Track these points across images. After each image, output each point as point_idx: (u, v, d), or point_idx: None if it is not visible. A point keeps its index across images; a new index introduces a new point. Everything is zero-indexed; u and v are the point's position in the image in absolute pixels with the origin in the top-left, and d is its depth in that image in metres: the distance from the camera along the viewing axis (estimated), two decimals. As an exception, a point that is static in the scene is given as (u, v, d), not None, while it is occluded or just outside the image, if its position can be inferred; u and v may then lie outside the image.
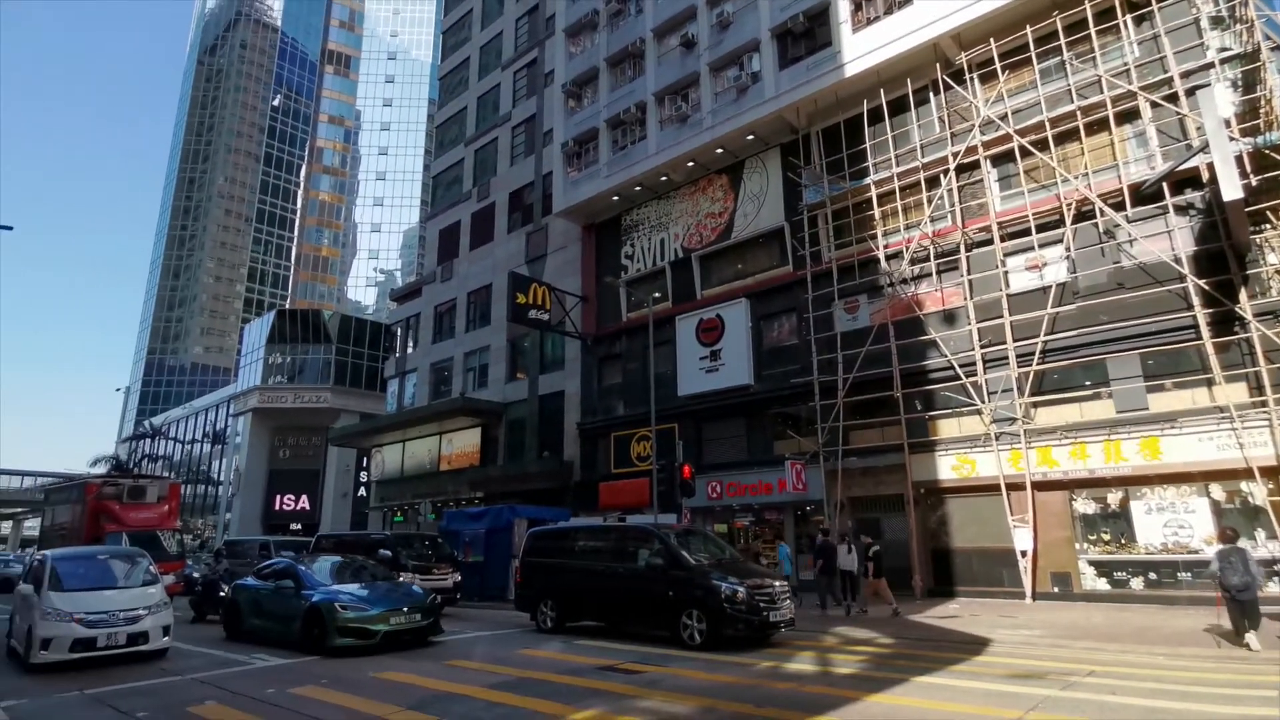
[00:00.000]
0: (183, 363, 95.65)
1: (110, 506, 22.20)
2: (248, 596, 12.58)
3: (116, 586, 11.07)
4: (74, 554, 12.49)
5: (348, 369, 49.36)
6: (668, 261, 24.82)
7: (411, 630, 11.08)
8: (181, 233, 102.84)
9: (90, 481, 24.06)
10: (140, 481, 24.21)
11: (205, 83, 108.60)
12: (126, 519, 21.76)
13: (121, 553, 13.07)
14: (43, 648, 9.79)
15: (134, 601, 10.73)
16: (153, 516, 22.71)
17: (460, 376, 32.89)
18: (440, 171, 38.59)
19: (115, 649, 10.18)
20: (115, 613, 10.37)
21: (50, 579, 10.63)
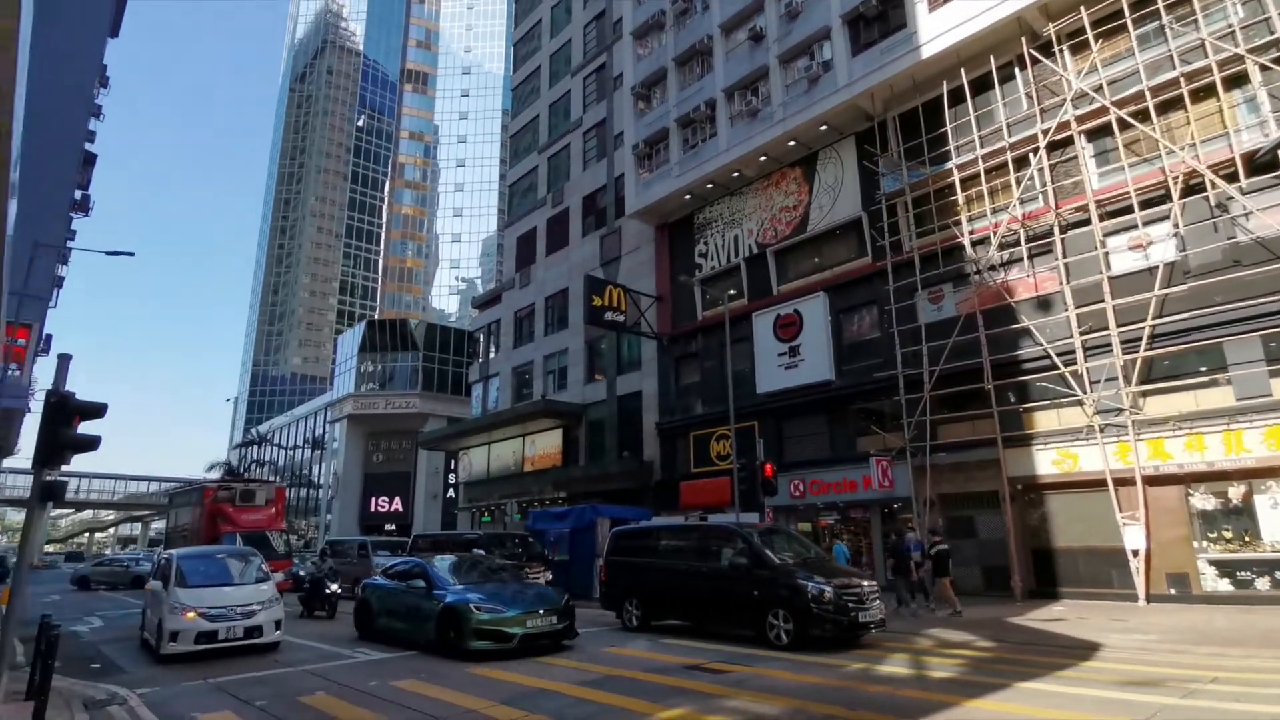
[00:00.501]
0: (283, 373, 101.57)
1: (225, 509, 23.60)
2: (379, 596, 12.59)
3: (233, 583, 11.82)
4: (196, 553, 13.38)
5: (434, 375, 51.23)
6: (742, 258, 24.59)
7: (549, 634, 10.74)
8: (279, 251, 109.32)
9: (207, 486, 25.77)
10: (250, 485, 25.82)
11: (297, 109, 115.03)
12: (239, 520, 23.09)
13: (236, 552, 13.91)
14: (171, 639, 10.55)
15: (249, 597, 11.44)
16: (262, 518, 23.99)
17: (540, 379, 33.59)
18: (515, 180, 39.54)
19: (234, 641, 10.89)
20: (233, 607, 11.09)
21: (176, 576, 11.45)
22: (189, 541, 23.51)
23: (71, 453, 7.80)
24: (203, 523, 23.49)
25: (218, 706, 7.87)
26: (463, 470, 38.76)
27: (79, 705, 7.90)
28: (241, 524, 22.90)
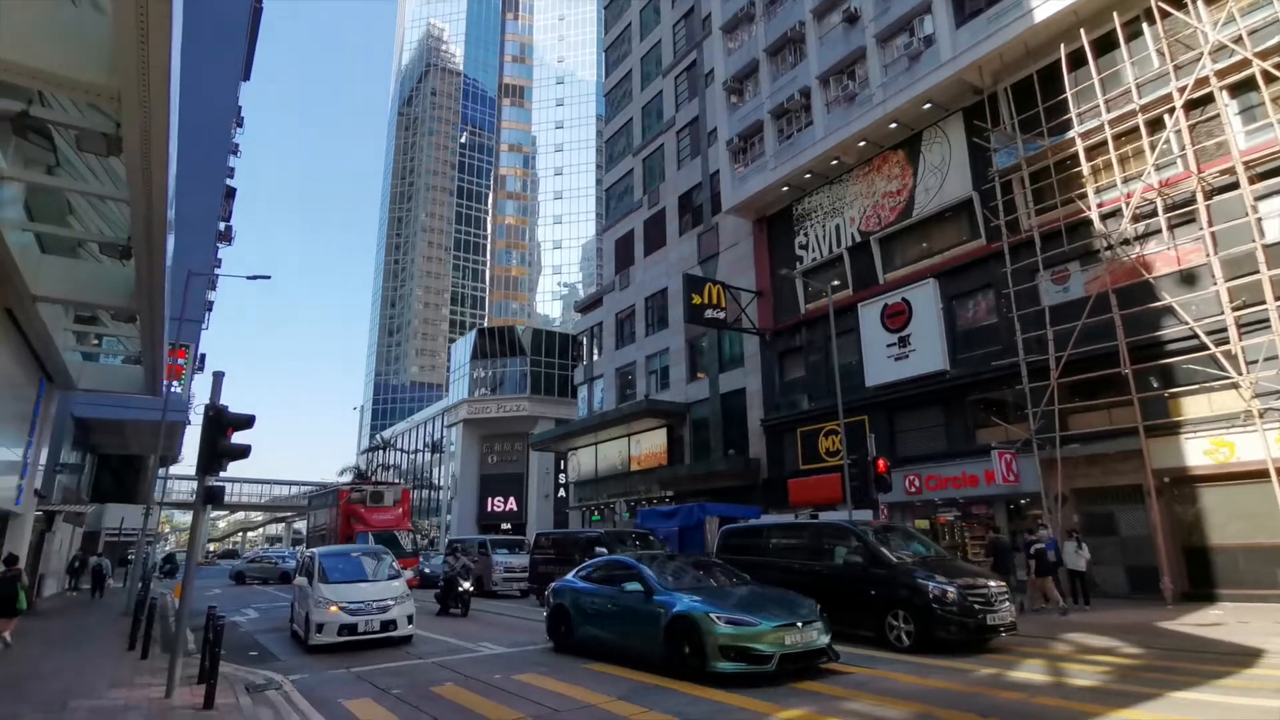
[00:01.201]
0: (403, 382, 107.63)
1: (358, 509, 25.16)
2: (578, 601, 10.73)
3: (368, 580, 12.64)
4: (334, 551, 14.46)
5: (542, 379, 52.86)
6: (845, 248, 23.86)
7: (810, 653, 8.48)
8: (395, 266, 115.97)
9: (341, 489, 27.72)
10: (379, 488, 27.42)
11: (405, 131, 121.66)
12: (370, 520, 24.58)
13: (369, 550, 14.76)
14: (317, 631, 11.41)
15: (383, 593, 12.17)
16: (390, 518, 25.41)
17: (643, 379, 33.93)
18: (611, 184, 40.12)
19: (372, 634, 11.65)
20: (370, 602, 11.82)
21: (319, 573, 12.38)
22: (327, 540, 25.31)
23: (227, 460, 8.60)
24: (339, 522, 25.07)
25: (359, 694, 8.45)
26: (572, 470, 39.74)
27: (242, 688, 8.69)
28: (372, 524, 24.24)
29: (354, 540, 22.32)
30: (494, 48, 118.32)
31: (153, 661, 10.56)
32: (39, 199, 12.92)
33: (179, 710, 7.42)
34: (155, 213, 10.24)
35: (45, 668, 10.09)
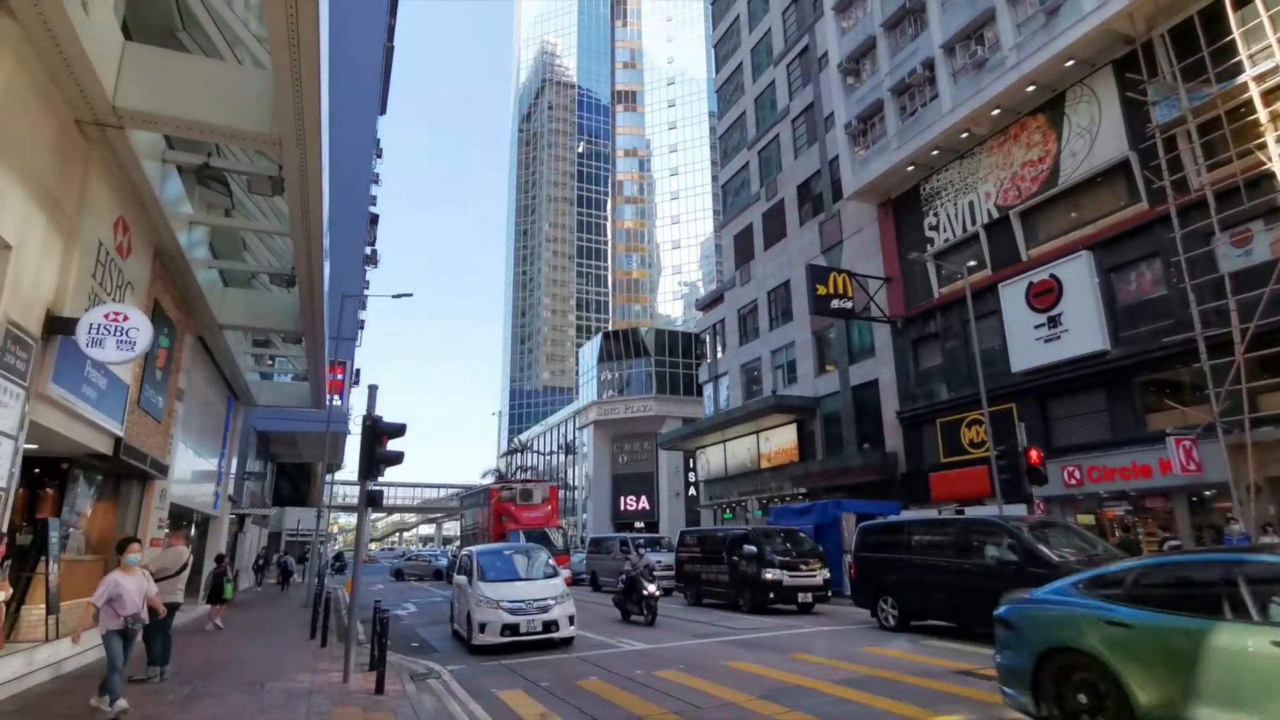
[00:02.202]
0: (536, 387, 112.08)
1: (508, 507, 24.94)
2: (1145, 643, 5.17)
3: (526, 578, 12.28)
4: (491, 549, 14.01)
5: (667, 378, 53.37)
6: (980, 225, 22.35)
7: None
8: (523, 277, 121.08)
9: (492, 487, 27.88)
10: (528, 485, 27.26)
11: (525, 146, 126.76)
12: (521, 518, 24.33)
13: (525, 547, 14.32)
14: (480, 631, 11.18)
15: (543, 592, 11.75)
16: (540, 515, 25.04)
17: (769, 375, 33.42)
18: (727, 179, 39.83)
19: (534, 635, 11.26)
20: (530, 601, 11.41)
21: (477, 571, 12.16)
22: (479, 539, 25.76)
23: (384, 466, 9.34)
24: (490, 521, 25.22)
25: (511, 685, 8.91)
26: (701, 468, 39.81)
27: (407, 676, 9.41)
28: (523, 521, 24.07)
29: (505, 538, 22.44)
30: (605, 56, 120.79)
31: (330, 649, 11.65)
32: (220, 239, 14.62)
33: (355, 694, 8.14)
34: (314, 243, 11.31)
35: (244, 654, 11.39)
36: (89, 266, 8.59)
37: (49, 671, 8.93)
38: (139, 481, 12.72)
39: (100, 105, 7.72)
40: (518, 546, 14.61)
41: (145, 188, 9.55)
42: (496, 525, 24.41)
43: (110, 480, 12.22)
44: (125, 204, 9.68)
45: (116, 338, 7.63)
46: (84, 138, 8.22)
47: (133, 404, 10.85)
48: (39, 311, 7.58)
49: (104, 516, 12.25)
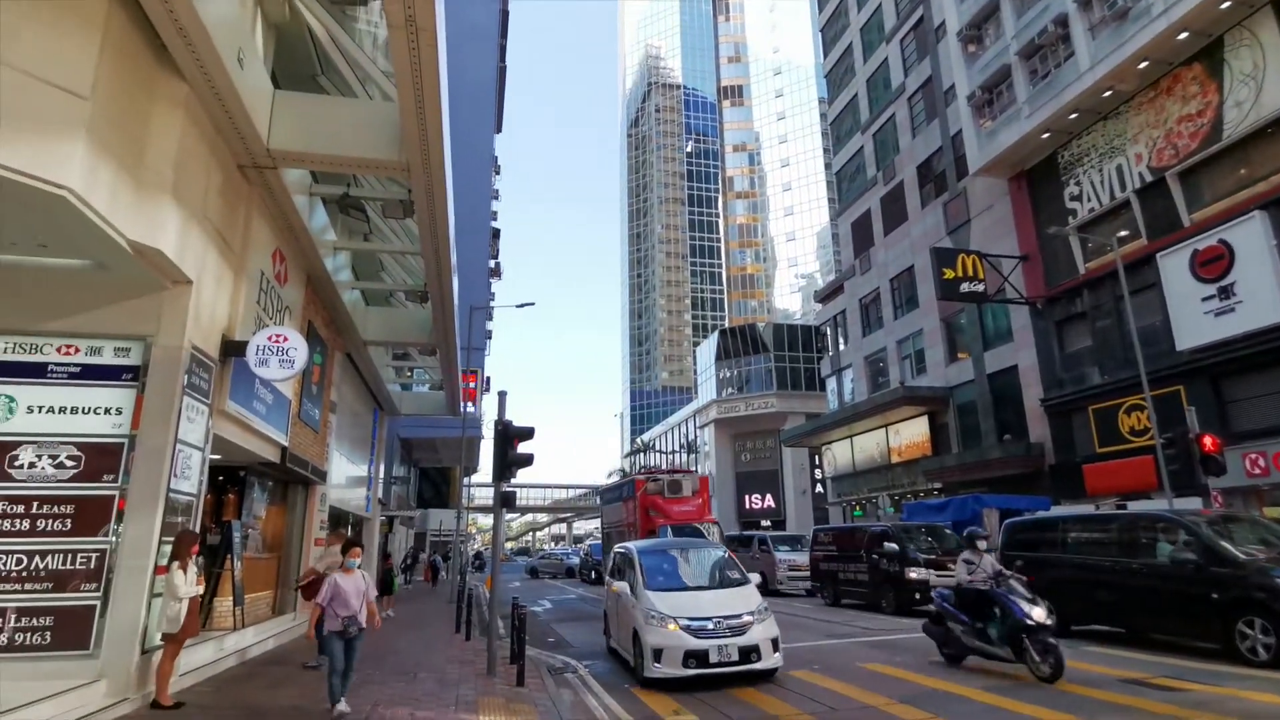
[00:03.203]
0: (655, 388, 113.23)
1: (656, 500, 22.42)
2: None
3: (705, 586, 9.43)
4: (654, 546, 10.88)
5: (787, 373, 52.33)
6: (1131, 190, 20.34)
7: None
8: (637, 280, 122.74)
9: (637, 478, 24.53)
10: (676, 476, 24.06)
11: (634, 150, 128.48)
12: (671, 512, 21.89)
13: (697, 544, 11.29)
14: (655, 660, 8.34)
15: (734, 604, 8.71)
16: (692, 509, 22.46)
17: (896, 366, 32.01)
18: (841, 166, 38.55)
19: (728, 665, 8.23)
20: (718, 619, 8.42)
21: (641, 575, 9.36)
22: (623, 537, 23.81)
23: (516, 468, 9.77)
24: (637, 515, 22.59)
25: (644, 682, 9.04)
26: (827, 465, 38.72)
27: (545, 671, 9.79)
28: (673, 516, 21.62)
29: (656, 535, 20.22)
30: (708, 54, 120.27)
31: (473, 643, 12.32)
32: (360, 261, 15.84)
33: (498, 686, 8.56)
34: (443, 260, 12.02)
35: (398, 645, 12.26)
36: (254, 294, 9.57)
37: (236, 657, 10.00)
38: (303, 487, 14.01)
39: (257, 149, 8.59)
40: (689, 543, 11.34)
41: (296, 220, 10.52)
42: (644, 520, 22.01)
43: (279, 486, 13.54)
44: (280, 236, 10.71)
45: (279, 357, 8.45)
46: (245, 180, 9.17)
47: (294, 417, 11.97)
48: (216, 337, 8.53)
49: (275, 519, 13.59)
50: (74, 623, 6.71)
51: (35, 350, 7.24)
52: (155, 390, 7.39)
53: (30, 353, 7.23)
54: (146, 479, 7.22)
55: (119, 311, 7.50)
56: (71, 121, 5.70)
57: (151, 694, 7.00)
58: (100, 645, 6.75)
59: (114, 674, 6.73)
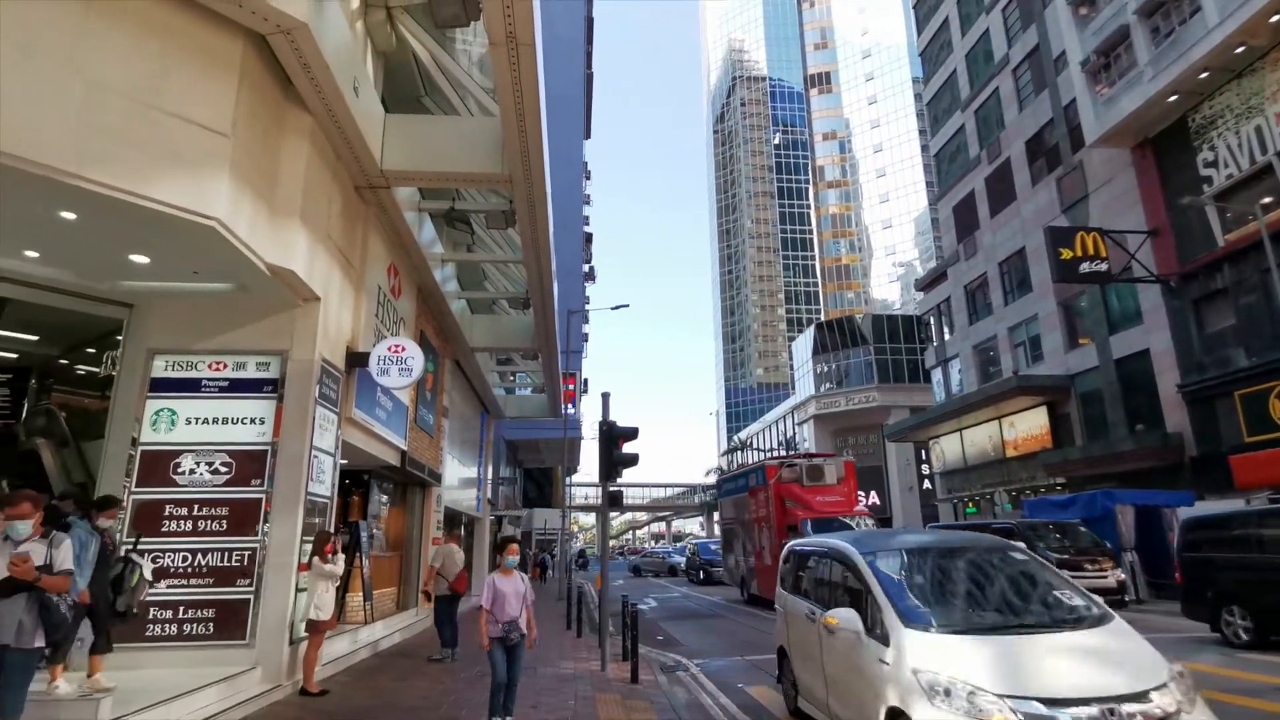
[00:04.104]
0: (750, 385, 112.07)
1: (793, 489, 18.42)
2: None
3: (1033, 625, 4.79)
4: (914, 546, 5.82)
5: (889, 366, 50.52)
6: (1273, 153, 18.37)
7: None
8: (729, 276, 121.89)
9: (769, 464, 20.05)
10: (814, 460, 19.61)
11: (721, 146, 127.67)
12: (811, 503, 17.79)
13: (986, 544, 5.95)
14: None
15: (1111, 665, 4.28)
16: (838, 500, 18.31)
17: (1008, 354, 30.28)
18: (940, 147, 36.85)
19: None
20: (1101, 702, 3.90)
21: (884, 602, 4.91)
22: (751, 534, 19.93)
23: (622, 468, 9.92)
24: (771, 508, 18.65)
25: (758, 681, 8.98)
26: (935, 460, 37.10)
27: (657, 668, 9.90)
28: (815, 507, 17.58)
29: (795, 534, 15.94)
30: (794, 42, 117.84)
31: (585, 639, 12.59)
32: (464, 272, 16.52)
33: (612, 682, 8.73)
34: (544, 266, 12.37)
35: (514, 640, 12.70)
36: (372, 308, 10.18)
37: (368, 650, 10.66)
38: (420, 489, 14.76)
39: (372, 170, 9.13)
40: (971, 541, 6.07)
41: (407, 235, 11.10)
42: (780, 514, 18.18)
43: (399, 488, 14.32)
44: (393, 251, 11.33)
45: (398, 366, 8.95)
46: (361, 200, 9.76)
47: (411, 422, 12.63)
48: (341, 349, 9.13)
49: (396, 519, 14.38)
50: (232, 615, 7.36)
51: (190, 368, 7.99)
52: (292, 400, 7.99)
53: (186, 370, 7.99)
54: (288, 483, 7.81)
55: (258, 329, 8.16)
56: (216, 157, 6.25)
57: (300, 682, 7.58)
58: (254, 636, 7.36)
59: (267, 662, 7.32)
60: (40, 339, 11.20)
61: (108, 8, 5.61)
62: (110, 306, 8.00)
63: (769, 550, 17.88)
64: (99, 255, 6.94)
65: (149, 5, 5.86)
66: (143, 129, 5.71)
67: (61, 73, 5.30)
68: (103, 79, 5.52)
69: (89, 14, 5.50)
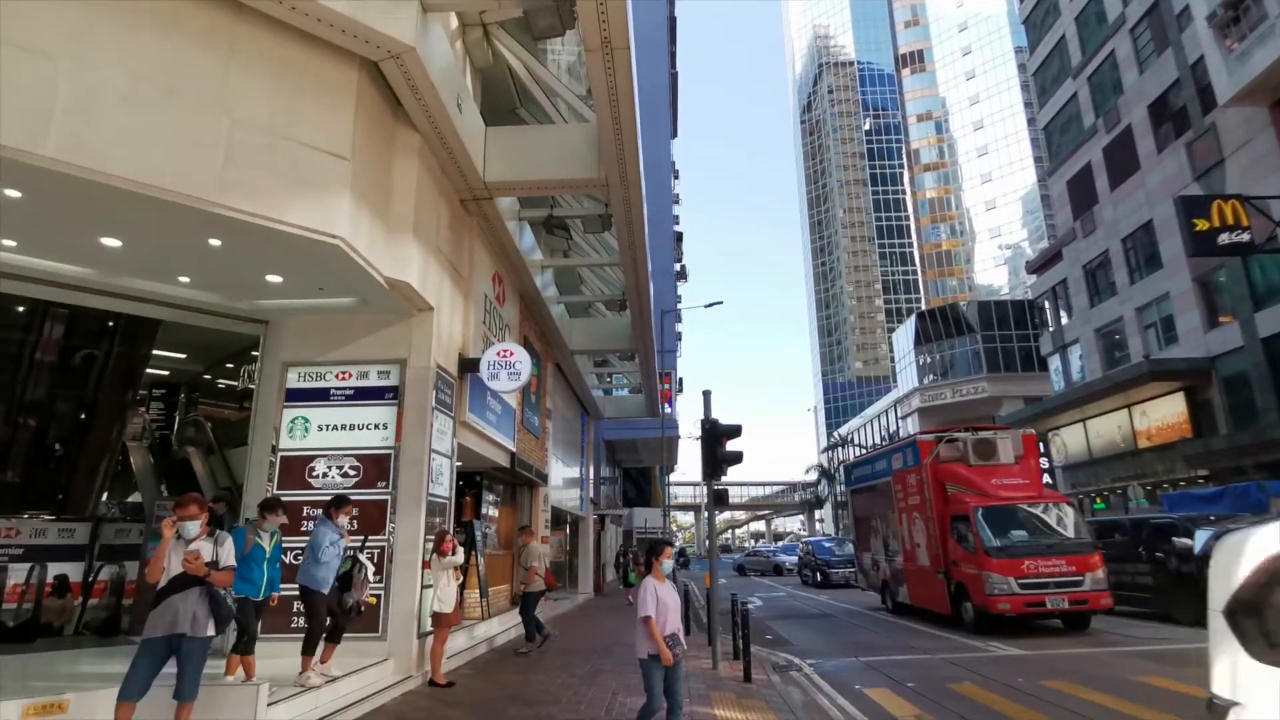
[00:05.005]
0: (848, 379, 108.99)
1: (958, 471, 14.38)
2: None
3: None
4: None
5: (998, 354, 47.84)
6: None
7: None
8: (822, 269, 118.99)
9: (920, 440, 15.78)
10: (982, 434, 15.10)
11: (809, 136, 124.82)
12: (985, 488, 13.67)
13: None
14: None
15: None
16: (1020, 484, 14.09)
17: (1137, 336, 28.02)
18: (1050, 119, 34.56)
19: None
20: None
21: None
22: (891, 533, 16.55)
23: (726, 466, 9.86)
24: (927, 495, 14.64)
25: (875, 683, 8.71)
26: (1056, 453, 34.80)
27: (769, 667, 9.77)
28: (992, 492, 13.50)
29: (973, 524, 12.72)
30: (883, 23, 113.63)
31: (693, 637, 12.57)
32: (561, 277, 16.89)
33: (725, 681, 8.69)
34: (640, 267, 12.48)
35: (624, 637, 12.85)
36: (480, 315, 10.58)
37: (485, 645, 11.08)
38: (528, 489, 15.22)
39: (475, 183, 9.49)
40: None
41: (509, 243, 11.47)
42: (939, 503, 14.32)
43: (508, 489, 14.82)
44: (497, 260, 11.74)
45: (507, 370, 9.27)
46: (466, 212, 10.17)
47: (519, 424, 13.04)
48: (454, 356, 9.54)
49: (506, 518, 14.89)
50: (369, 609, 7.82)
51: (319, 378, 8.57)
52: (411, 406, 8.42)
53: (316, 380, 8.57)
54: (410, 484, 8.24)
55: (378, 340, 8.65)
56: (339, 180, 6.67)
57: (429, 673, 7.97)
58: (386, 629, 7.80)
59: (399, 654, 7.75)
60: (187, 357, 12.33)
61: (247, 51, 6.10)
62: (248, 324, 8.68)
63: (924, 548, 14.62)
64: (240, 277, 7.55)
65: (279, 46, 6.32)
66: (276, 158, 6.17)
67: (210, 114, 5.80)
68: (244, 116, 6.00)
69: (231, 61, 5.99)
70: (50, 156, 4.94)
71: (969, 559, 12.74)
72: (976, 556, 12.44)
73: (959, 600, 13.11)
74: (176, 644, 4.67)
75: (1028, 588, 11.87)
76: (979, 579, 12.24)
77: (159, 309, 8.00)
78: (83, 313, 9.57)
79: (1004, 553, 12.16)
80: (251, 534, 6.18)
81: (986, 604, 12.04)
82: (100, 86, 5.23)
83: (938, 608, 13.91)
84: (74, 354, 10.42)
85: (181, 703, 4.69)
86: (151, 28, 5.56)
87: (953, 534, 13.51)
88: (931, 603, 14.24)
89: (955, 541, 13.35)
